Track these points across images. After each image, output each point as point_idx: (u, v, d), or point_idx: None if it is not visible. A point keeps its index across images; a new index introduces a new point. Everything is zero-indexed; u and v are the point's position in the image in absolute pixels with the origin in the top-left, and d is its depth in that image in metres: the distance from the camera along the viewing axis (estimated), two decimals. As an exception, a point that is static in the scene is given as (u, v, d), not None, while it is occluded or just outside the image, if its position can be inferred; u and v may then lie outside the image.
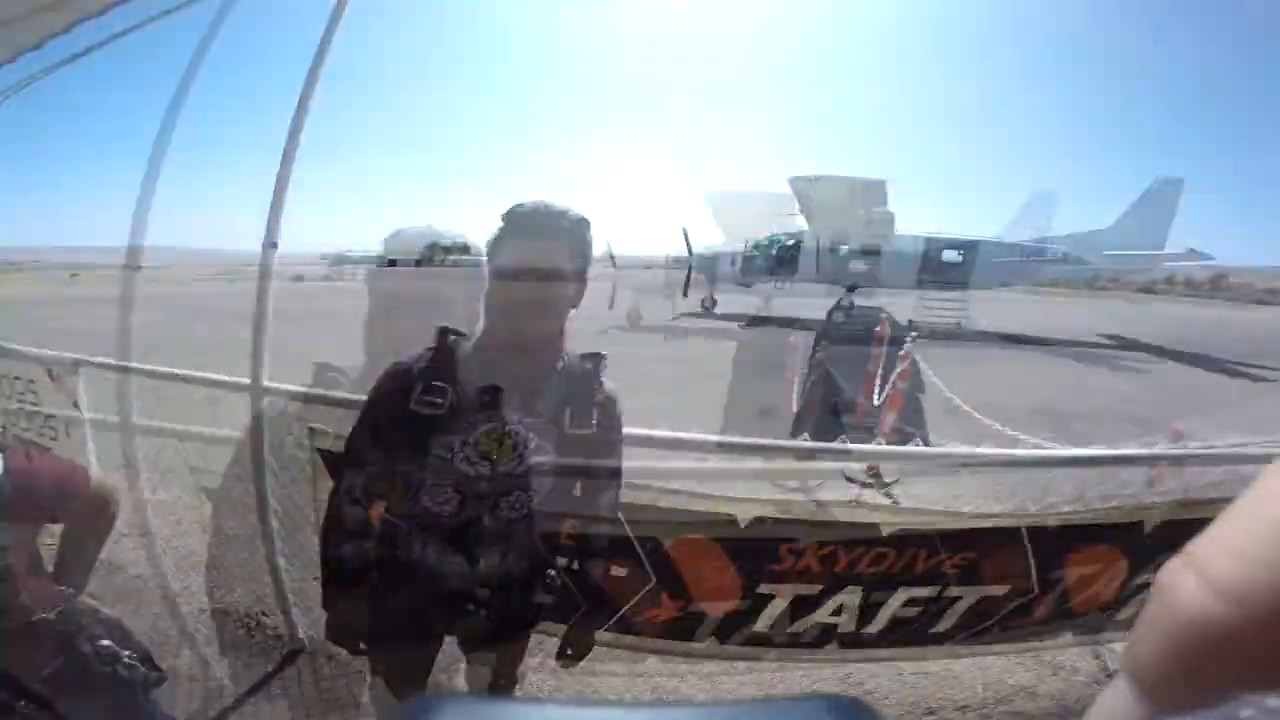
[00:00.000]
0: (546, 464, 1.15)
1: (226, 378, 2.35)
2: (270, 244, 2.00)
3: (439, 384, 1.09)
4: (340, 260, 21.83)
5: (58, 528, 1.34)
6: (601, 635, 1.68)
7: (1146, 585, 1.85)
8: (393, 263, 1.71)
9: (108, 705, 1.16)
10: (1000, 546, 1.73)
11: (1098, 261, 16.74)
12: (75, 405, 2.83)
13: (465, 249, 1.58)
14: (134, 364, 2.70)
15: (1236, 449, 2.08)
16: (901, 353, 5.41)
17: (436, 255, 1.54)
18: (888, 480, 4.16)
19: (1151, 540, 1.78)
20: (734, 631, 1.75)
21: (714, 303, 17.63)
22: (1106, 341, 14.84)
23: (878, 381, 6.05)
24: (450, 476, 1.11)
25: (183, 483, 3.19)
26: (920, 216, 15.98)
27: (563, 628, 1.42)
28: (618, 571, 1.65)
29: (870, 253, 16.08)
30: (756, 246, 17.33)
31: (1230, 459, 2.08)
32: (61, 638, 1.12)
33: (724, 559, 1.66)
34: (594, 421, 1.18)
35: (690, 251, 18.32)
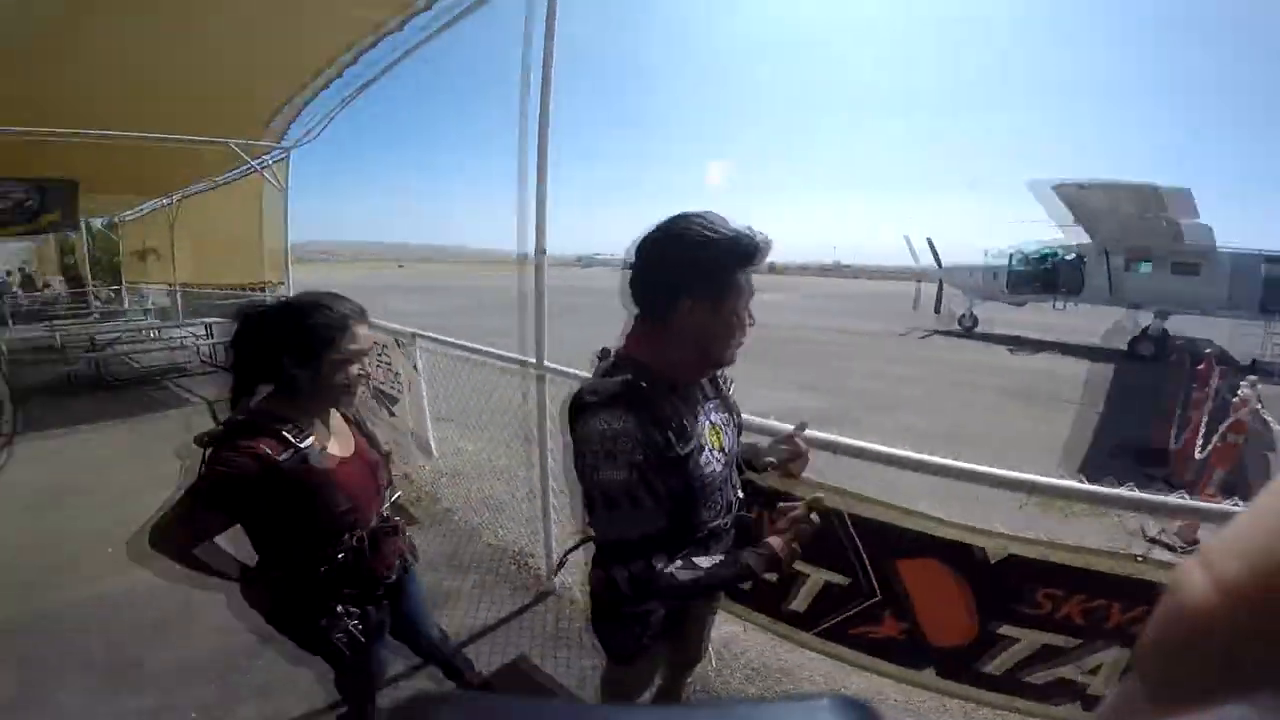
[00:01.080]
0: (735, 434, 1.25)
1: (517, 355, 2.70)
2: (540, 250, 2.29)
3: (669, 416, 1.04)
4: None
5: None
6: (810, 640, 1.76)
7: None
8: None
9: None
10: None
11: None
12: (415, 367, 3.66)
13: None
14: (450, 339, 3.37)
15: None
16: (1238, 398, 4.15)
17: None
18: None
19: None
20: (960, 669, 1.57)
21: (975, 321, 15.80)
22: None
23: (1202, 430, 4.71)
24: (713, 486, 1.12)
25: (490, 436, 3.95)
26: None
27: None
28: (837, 580, 1.65)
29: (1186, 272, 12.74)
30: (1026, 260, 15.07)
31: None
32: None
33: (963, 590, 1.51)
34: (733, 392, 1.28)
35: (939, 263, 16.77)
